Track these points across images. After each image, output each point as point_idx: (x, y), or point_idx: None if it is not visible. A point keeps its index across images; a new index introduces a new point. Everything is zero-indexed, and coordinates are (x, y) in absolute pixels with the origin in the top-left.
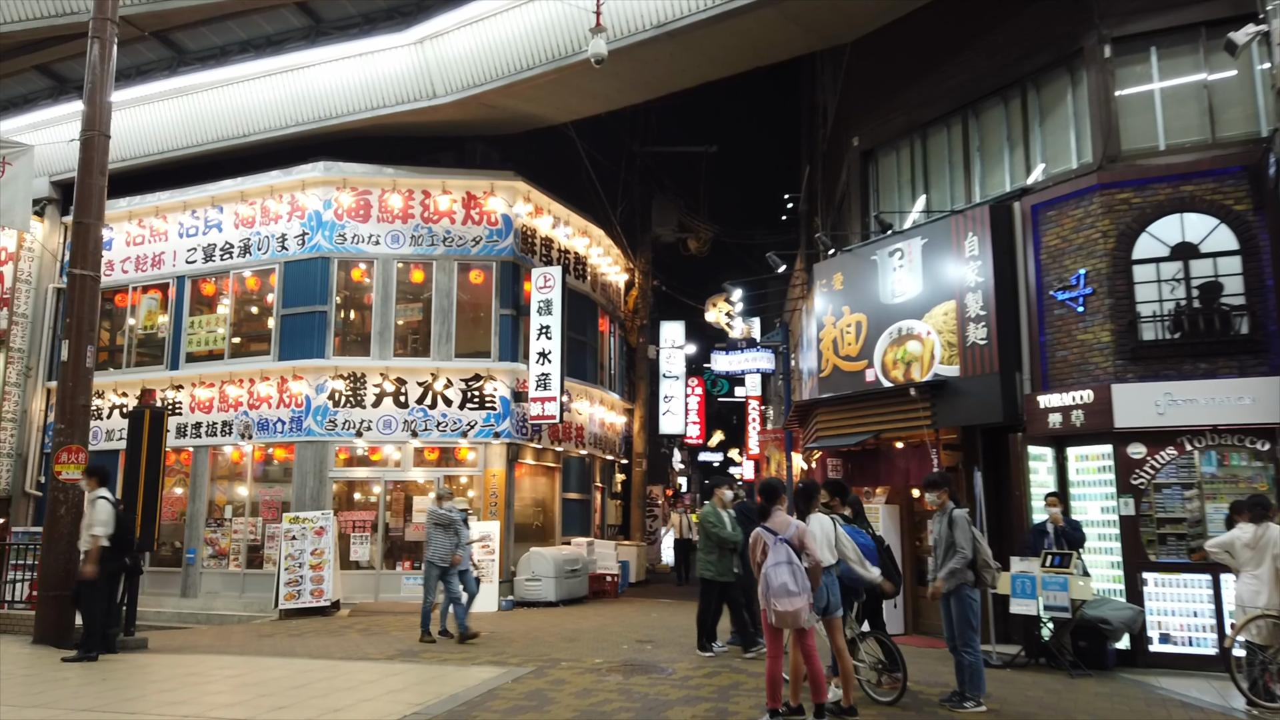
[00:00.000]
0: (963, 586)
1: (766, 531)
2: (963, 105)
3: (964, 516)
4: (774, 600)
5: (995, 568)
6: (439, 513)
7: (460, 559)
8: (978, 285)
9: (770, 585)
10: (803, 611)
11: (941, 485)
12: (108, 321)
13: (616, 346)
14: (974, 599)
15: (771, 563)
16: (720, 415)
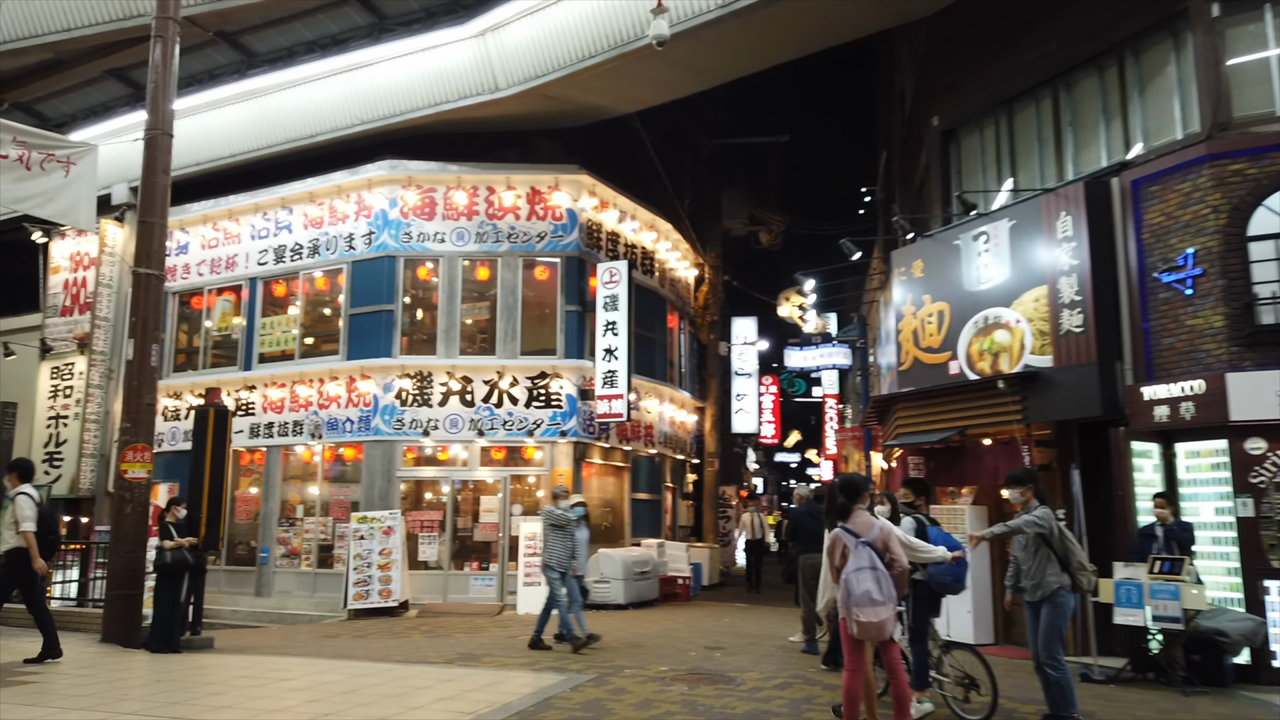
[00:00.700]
0: (1059, 592)
1: (847, 533)
2: (1052, 77)
3: (1049, 514)
4: (856, 610)
5: (1091, 570)
6: (555, 513)
7: (577, 568)
8: (1072, 268)
9: (851, 593)
10: (888, 622)
11: (1025, 481)
12: (185, 324)
13: (686, 343)
14: (1068, 606)
15: (853, 568)
16: (797, 415)
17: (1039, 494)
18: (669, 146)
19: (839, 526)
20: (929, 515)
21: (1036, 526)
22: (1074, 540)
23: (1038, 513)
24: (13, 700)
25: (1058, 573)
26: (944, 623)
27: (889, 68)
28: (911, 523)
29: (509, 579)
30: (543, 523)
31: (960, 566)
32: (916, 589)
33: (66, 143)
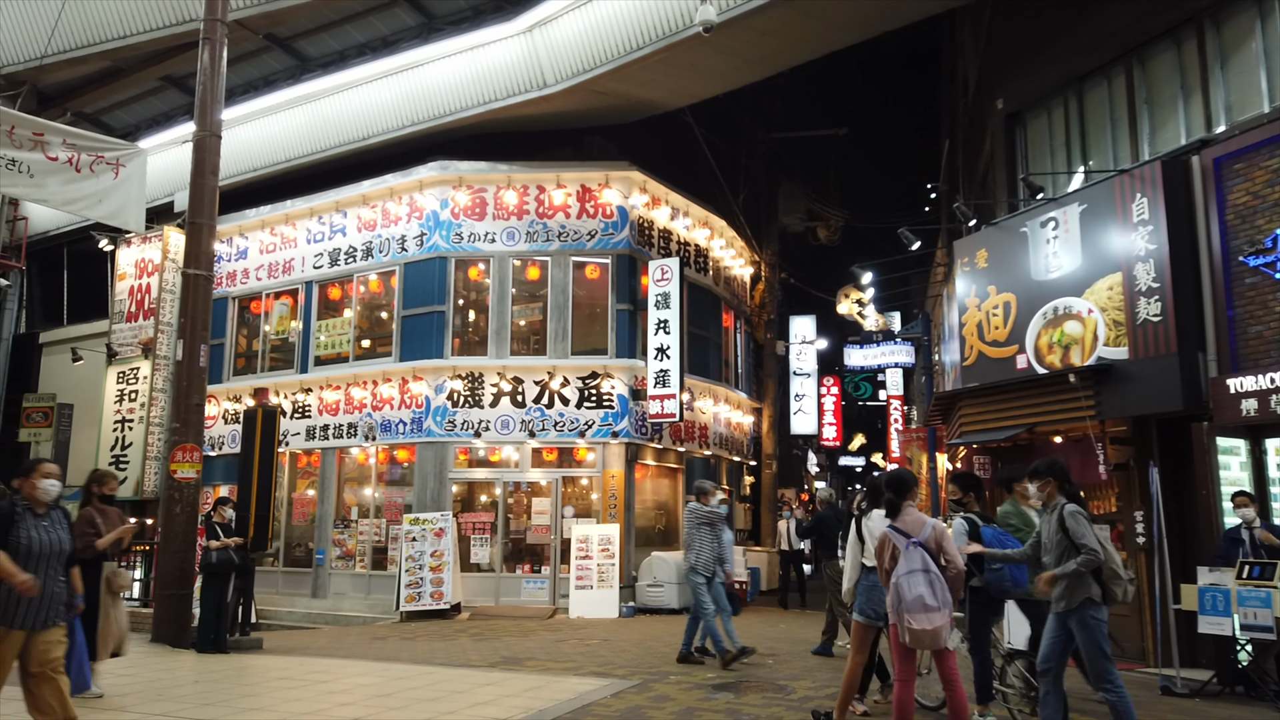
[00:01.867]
0: (1087, 605)
1: (897, 533)
2: (1125, 53)
3: (1080, 511)
4: (908, 616)
5: (1128, 578)
6: (704, 510)
7: (731, 573)
8: (1149, 254)
9: (903, 598)
10: (944, 629)
11: (1045, 475)
12: (245, 328)
13: (742, 343)
14: (1101, 620)
15: (904, 570)
16: (862, 418)
17: (1065, 488)
18: (724, 142)
19: (889, 526)
20: (983, 513)
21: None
22: (1109, 542)
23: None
24: None
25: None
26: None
27: (951, 51)
28: (962, 523)
29: (561, 582)
30: (687, 521)
31: (1018, 569)
32: (974, 594)
33: (115, 144)
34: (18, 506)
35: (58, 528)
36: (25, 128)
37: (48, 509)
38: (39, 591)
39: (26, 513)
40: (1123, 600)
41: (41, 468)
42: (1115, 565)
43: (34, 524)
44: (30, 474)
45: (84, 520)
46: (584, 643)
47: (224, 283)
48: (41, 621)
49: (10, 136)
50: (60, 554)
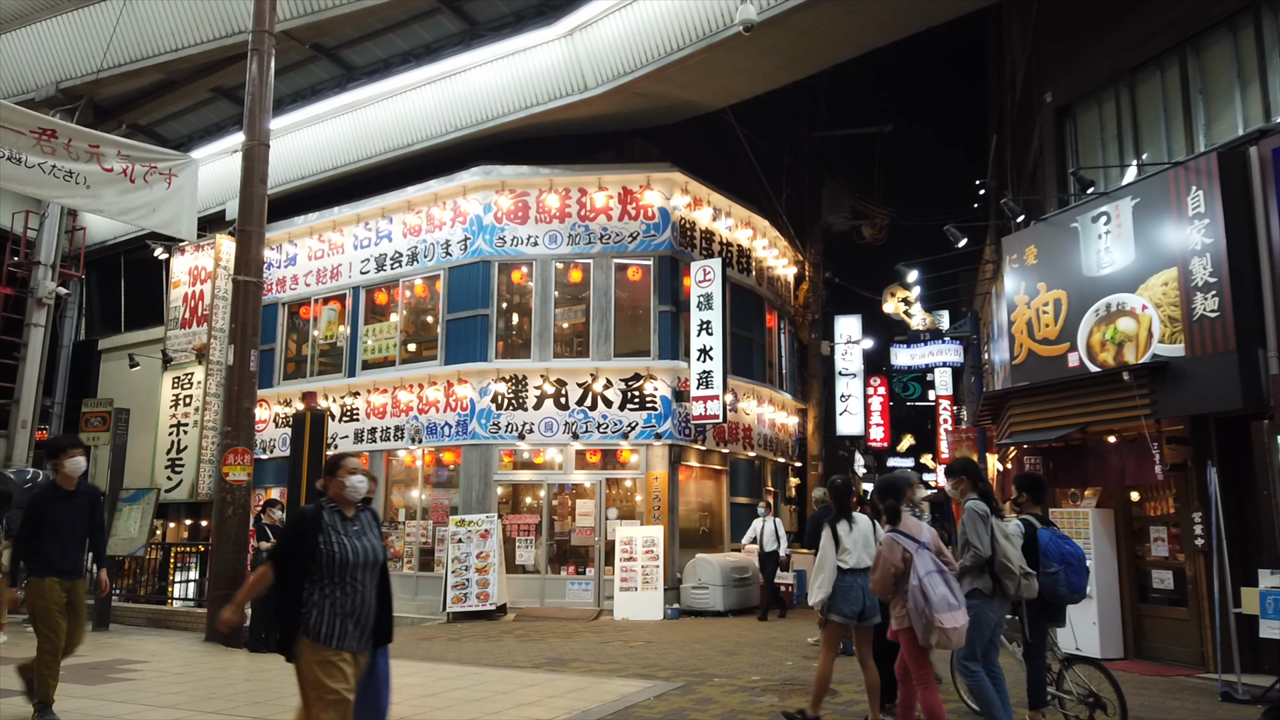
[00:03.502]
0: (974, 594)
1: (905, 538)
2: (1179, 42)
3: (979, 508)
4: (938, 616)
5: (1021, 573)
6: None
7: None
8: (1205, 248)
9: (930, 599)
10: (965, 628)
11: (959, 473)
12: (295, 334)
13: (786, 343)
14: (989, 614)
15: (923, 572)
16: (911, 420)
17: (979, 486)
18: (766, 141)
19: (892, 531)
20: (1041, 516)
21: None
22: (1008, 540)
23: (969, 515)
24: (106, 696)
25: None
26: (1068, 635)
27: (998, 45)
28: (1019, 525)
29: (605, 584)
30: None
31: (1076, 574)
32: (1028, 600)
33: (168, 155)
34: (325, 510)
35: (369, 532)
36: (81, 140)
37: (357, 511)
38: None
39: (335, 516)
40: (1020, 596)
41: (346, 463)
42: (1008, 561)
43: (344, 529)
44: (335, 472)
45: None
46: (628, 645)
47: (274, 289)
48: (367, 643)
49: (68, 149)
50: (374, 563)
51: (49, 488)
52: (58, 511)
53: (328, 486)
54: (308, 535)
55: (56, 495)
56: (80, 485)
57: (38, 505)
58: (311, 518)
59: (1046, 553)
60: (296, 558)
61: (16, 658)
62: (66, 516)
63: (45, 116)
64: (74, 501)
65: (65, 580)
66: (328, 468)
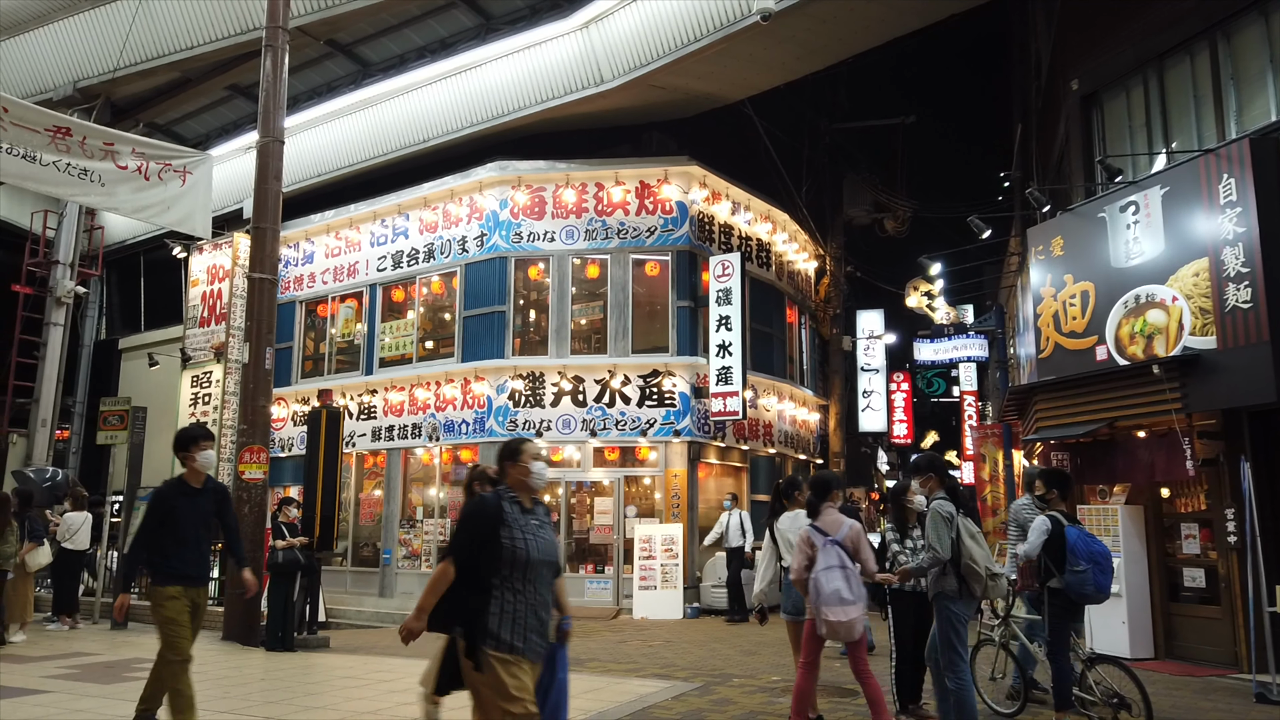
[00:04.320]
0: (941, 597)
1: (816, 532)
2: (1209, 27)
3: (943, 508)
4: (825, 609)
5: (987, 574)
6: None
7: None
8: (1237, 237)
9: (821, 592)
10: (857, 622)
11: (926, 471)
12: (312, 332)
13: (807, 338)
14: (956, 614)
15: (822, 566)
16: (935, 416)
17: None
18: (785, 134)
19: (809, 525)
20: (1067, 512)
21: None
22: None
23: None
24: (121, 695)
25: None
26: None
27: (1022, 32)
28: (1044, 522)
29: (624, 582)
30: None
31: (1103, 574)
32: (1053, 598)
33: (182, 152)
34: (504, 500)
35: (547, 526)
36: (96, 138)
37: (534, 502)
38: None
39: (515, 507)
40: (984, 596)
41: (528, 447)
42: (973, 562)
43: (524, 522)
44: (517, 456)
45: None
46: (646, 644)
47: (291, 287)
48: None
49: (82, 147)
50: (554, 562)
51: (175, 484)
52: (182, 510)
53: (506, 473)
54: (490, 527)
55: (182, 492)
56: (207, 483)
57: (162, 501)
58: (494, 508)
59: (1075, 551)
60: (483, 551)
61: (34, 655)
62: (191, 516)
63: (60, 114)
64: (199, 499)
65: (189, 588)
66: (508, 452)
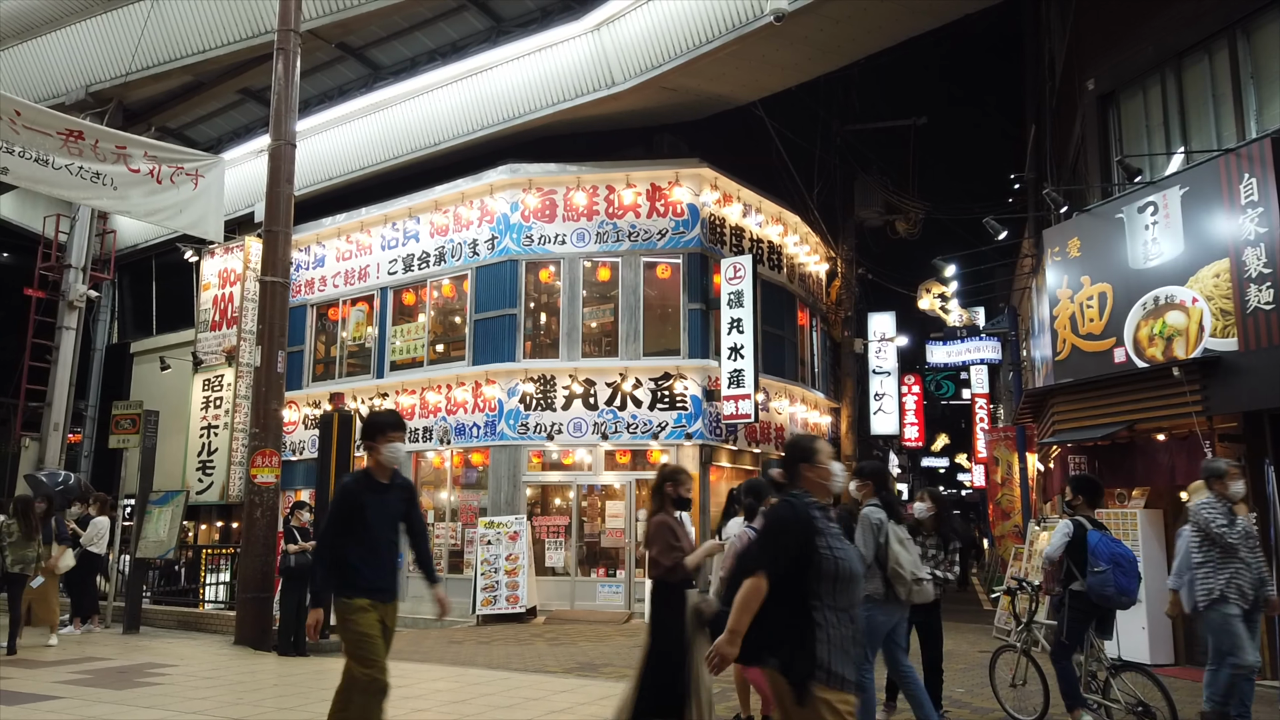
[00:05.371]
0: (867, 599)
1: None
2: (1228, 25)
3: (873, 516)
4: None
5: (912, 578)
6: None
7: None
8: (1259, 237)
9: None
10: None
11: (867, 477)
12: (323, 335)
13: (818, 341)
14: (877, 617)
15: None
16: (946, 419)
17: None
18: (797, 136)
19: (748, 527)
20: (1092, 517)
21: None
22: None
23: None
24: (133, 701)
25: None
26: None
27: (1036, 32)
28: (1067, 525)
29: (636, 586)
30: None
31: (1126, 576)
32: (1074, 600)
33: (194, 156)
34: (814, 509)
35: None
36: (108, 141)
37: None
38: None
39: (820, 514)
40: (909, 600)
41: (821, 446)
42: (899, 567)
43: (833, 531)
44: (812, 456)
45: (664, 529)
46: None
47: (302, 290)
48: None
49: (94, 150)
50: (861, 577)
51: (361, 478)
52: (371, 509)
53: (798, 476)
54: (807, 537)
55: (369, 488)
56: (394, 478)
57: (349, 498)
58: (806, 514)
59: (1095, 552)
60: (798, 564)
61: (47, 660)
62: (380, 517)
63: (72, 118)
64: (388, 498)
65: (379, 603)
66: (800, 452)
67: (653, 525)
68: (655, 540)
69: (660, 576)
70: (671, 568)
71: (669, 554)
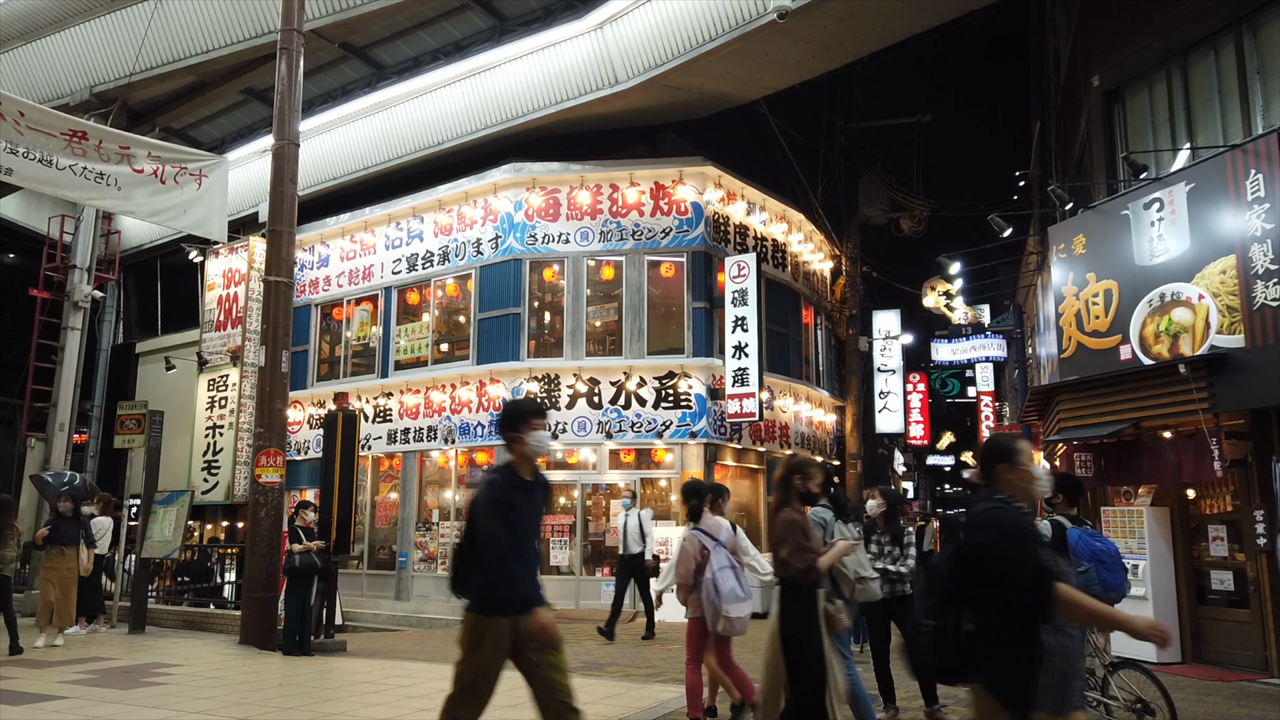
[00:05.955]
0: None
1: (705, 535)
2: (1234, 20)
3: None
4: (726, 606)
5: (855, 577)
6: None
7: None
8: (1265, 234)
9: (720, 591)
10: (748, 618)
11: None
12: (328, 335)
13: (823, 339)
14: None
15: (717, 566)
16: (951, 417)
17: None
18: (801, 134)
19: (693, 529)
20: (1076, 516)
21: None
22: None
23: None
24: (138, 702)
25: None
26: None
27: (1040, 29)
28: (1045, 525)
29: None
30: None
31: (1110, 572)
32: None
33: (198, 156)
34: (1028, 516)
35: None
36: (112, 142)
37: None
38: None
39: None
40: (853, 598)
41: (1023, 446)
42: (843, 566)
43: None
44: (1014, 457)
45: (794, 527)
46: (665, 648)
47: (306, 290)
48: None
49: (98, 151)
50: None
51: (507, 474)
52: (521, 510)
53: (995, 478)
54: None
55: (516, 485)
56: (536, 475)
57: (505, 495)
58: (1026, 520)
59: (1076, 551)
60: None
61: (52, 660)
62: (529, 519)
63: (76, 118)
64: (534, 496)
65: (523, 617)
66: (1000, 451)
67: (781, 523)
68: (785, 540)
69: (791, 579)
70: (805, 570)
71: (801, 555)
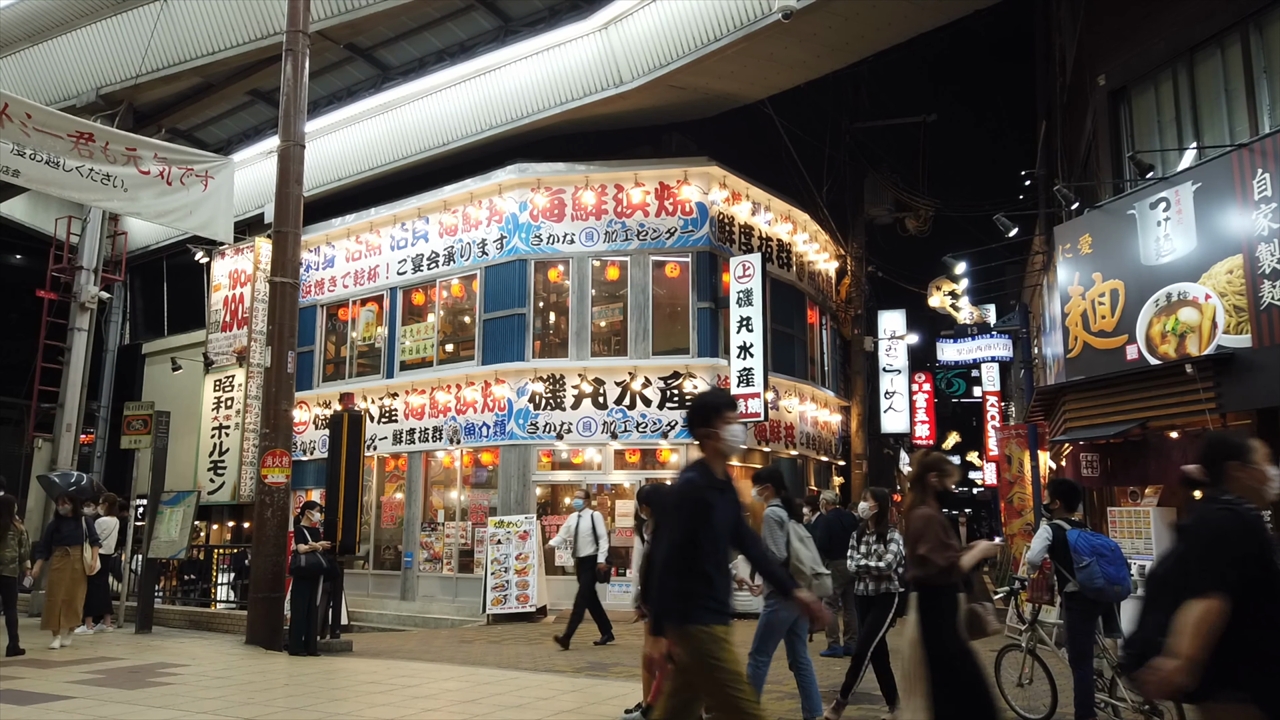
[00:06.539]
0: (772, 595)
1: None
2: (1241, 19)
3: (776, 514)
4: None
5: (812, 574)
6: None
7: None
8: (1272, 233)
9: None
10: None
11: (765, 481)
12: (333, 335)
13: (828, 339)
14: (774, 610)
15: None
16: (956, 417)
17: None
18: (806, 133)
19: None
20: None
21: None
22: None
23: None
24: (144, 701)
25: None
26: None
27: (1045, 28)
28: (1046, 530)
29: None
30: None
31: (1111, 565)
32: (1071, 602)
33: (204, 157)
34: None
35: None
36: (118, 143)
37: None
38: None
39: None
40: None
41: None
42: (799, 563)
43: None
44: (1247, 455)
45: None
46: None
47: (312, 291)
48: None
49: (105, 152)
50: None
51: (702, 473)
52: (718, 512)
53: (1223, 476)
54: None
55: (711, 485)
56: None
57: (703, 496)
58: (1255, 522)
59: (1076, 548)
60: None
61: (59, 660)
62: (724, 520)
63: (82, 120)
64: (729, 497)
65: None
66: (1231, 449)
67: (918, 520)
68: (925, 537)
69: (930, 579)
70: (946, 569)
71: (943, 552)
